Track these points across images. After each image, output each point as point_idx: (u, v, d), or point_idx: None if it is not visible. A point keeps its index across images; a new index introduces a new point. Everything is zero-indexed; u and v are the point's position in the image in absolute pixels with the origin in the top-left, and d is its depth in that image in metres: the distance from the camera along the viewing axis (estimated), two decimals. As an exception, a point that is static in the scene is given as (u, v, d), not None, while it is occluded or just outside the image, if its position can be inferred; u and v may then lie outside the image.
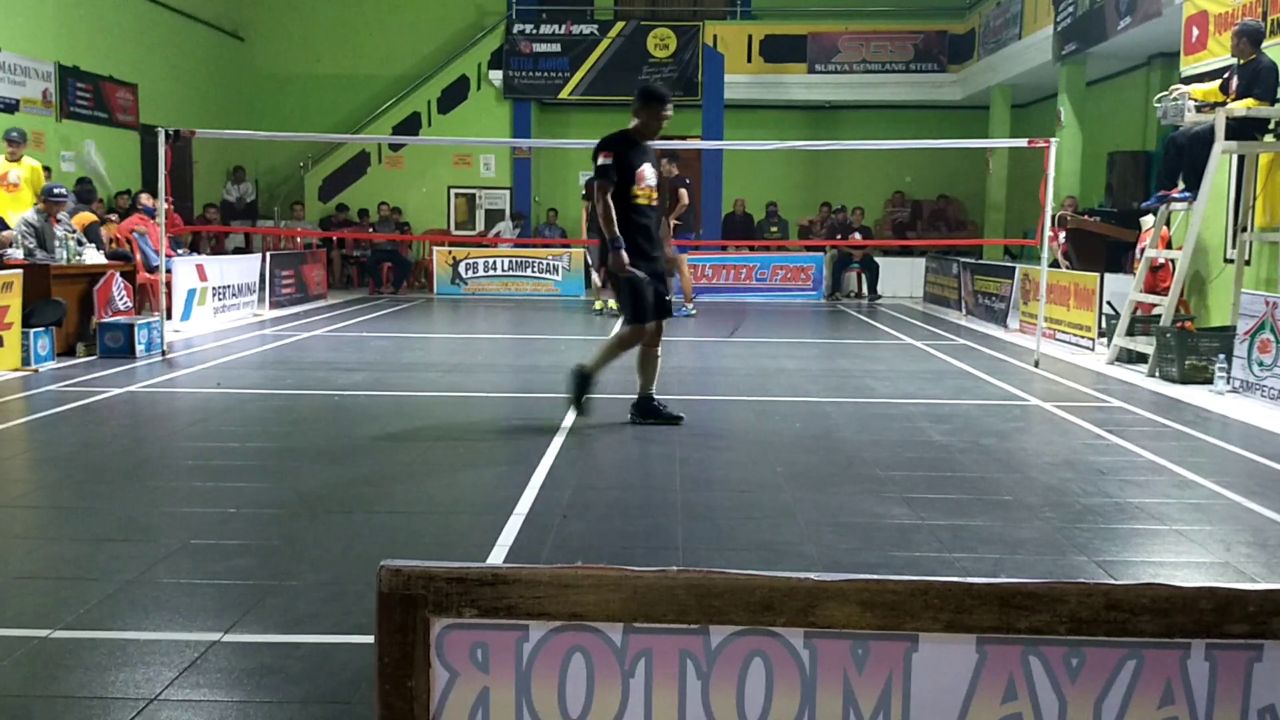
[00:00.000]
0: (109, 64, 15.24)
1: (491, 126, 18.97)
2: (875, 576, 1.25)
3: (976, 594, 1.24)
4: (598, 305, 14.37)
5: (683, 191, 12.39)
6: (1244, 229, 9.08)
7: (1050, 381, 8.61)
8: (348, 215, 18.76)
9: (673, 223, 13.66)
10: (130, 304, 10.21)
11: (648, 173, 6.38)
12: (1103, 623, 1.24)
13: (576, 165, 19.98)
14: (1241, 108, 8.42)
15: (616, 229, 6.21)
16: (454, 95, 19.33)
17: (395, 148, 19.32)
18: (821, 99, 19.49)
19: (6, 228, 10.03)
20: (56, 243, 9.65)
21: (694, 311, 13.68)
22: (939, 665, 1.26)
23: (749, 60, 18.90)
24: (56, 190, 10.05)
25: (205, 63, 18.35)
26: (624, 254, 6.22)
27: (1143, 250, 10.07)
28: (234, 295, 12.62)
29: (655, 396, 6.56)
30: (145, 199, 12.45)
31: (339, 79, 19.71)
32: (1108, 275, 10.85)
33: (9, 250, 9.55)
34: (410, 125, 19.14)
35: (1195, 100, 8.82)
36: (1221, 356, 7.99)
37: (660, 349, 6.60)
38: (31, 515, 4.59)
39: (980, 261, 15.10)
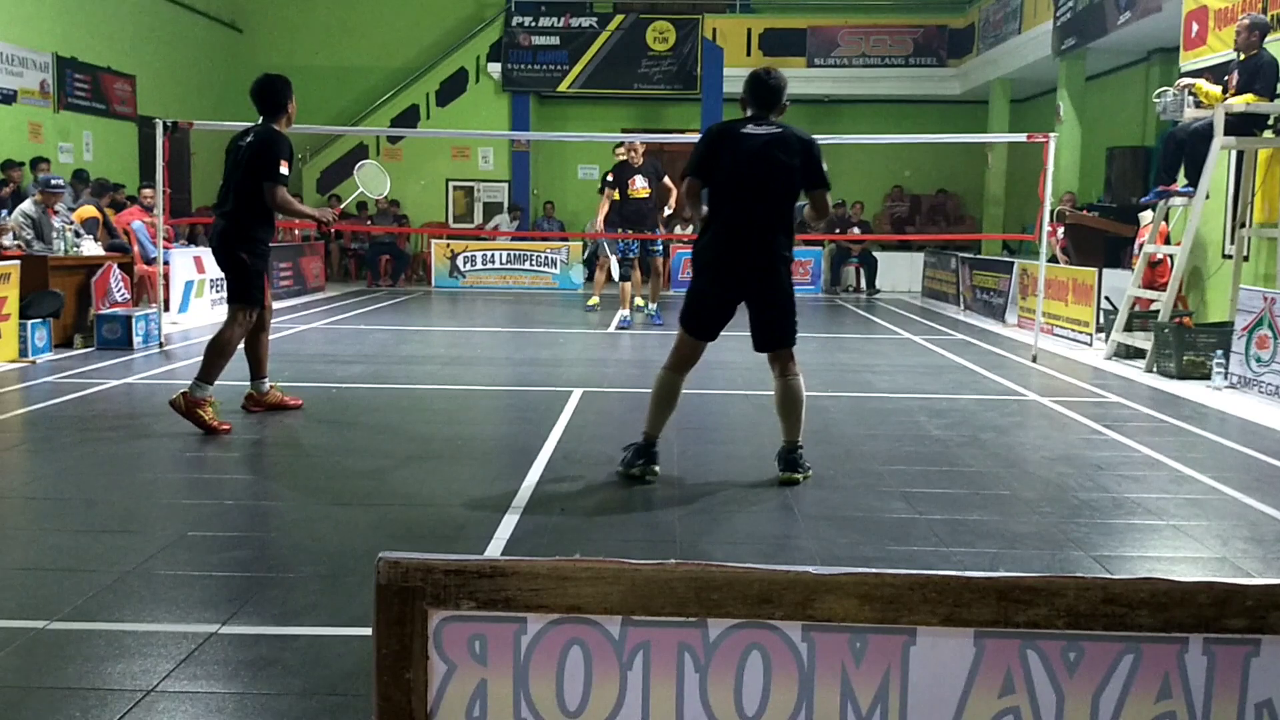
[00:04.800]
0: (107, 55, 15.21)
1: (490, 119, 18.95)
2: (873, 570, 1.25)
3: (974, 588, 1.24)
4: (593, 302, 13.87)
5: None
6: (1242, 224, 9.08)
7: (1048, 376, 8.61)
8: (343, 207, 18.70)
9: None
10: (128, 296, 10.20)
11: None
12: (1100, 617, 1.24)
13: (575, 158, 19.98)
14: (1241, 103, 8.41)
15: None
16: (452, 88, 19.30)
17: (393, 140, 19.28)
18: (821, 93, 19.45)
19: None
20: (54, 234, 9.63)
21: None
22: (937, 659, 1.27)
23: (748, 54, 18.87)
24: (54, 182, 10.03)
25: (203, 54, 18.31)
26: None
27: (1141, 245, 10.07)
28: (232, 287, 12.59)
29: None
30: (145, 194, 12.44)
31: (337, 71, 19.67)
32: (1106, 270, 10.84)
33: (5, 240, 9.54)
34: (408, 118, 19.12)
35: (1198, 95, 8.80)
36: (1219, 352, 8.00)
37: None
38: (28, 506, 4.58)
39: (979, 256, 15.10)
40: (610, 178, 11.87)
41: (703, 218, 5.05)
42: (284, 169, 6.14)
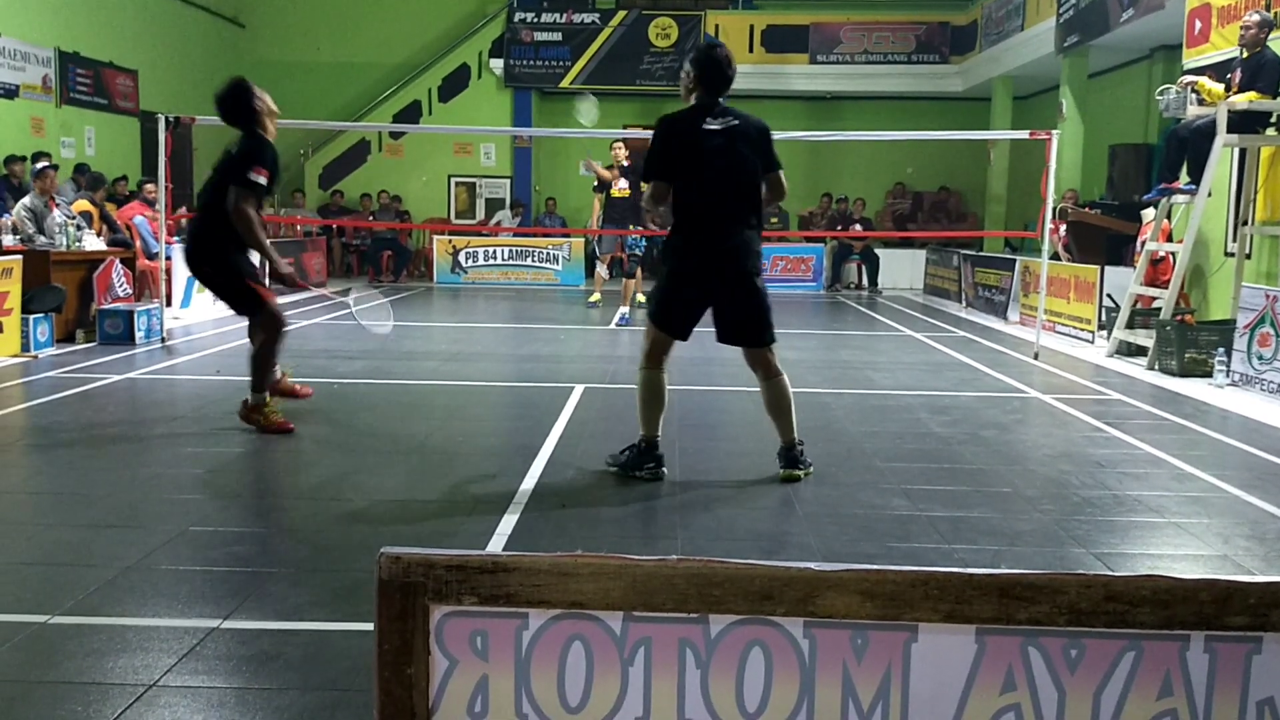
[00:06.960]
0: (109, 50, 15.20)
1: (492, 115, 18.94)
2: (875, 567, 1.25)
3: (976, 585, 1.24)
4: (594, 298, 13.94)
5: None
6: (1245, 222, 9.07)
7: (1050, 374, 8.61)
8: (344, 203, 18.72)
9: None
10: (130, 291, 10.20)
11: None
12: (1102, 614, 1.24)
13: (577, 154, 19.96)
14: (1243, 101, 8.40)
15: None
16: (455, 83, 19.31)
17: (395, 136, 19.30)
18: (823, 90, 19.43)
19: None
20: (56, 228, 9.64)
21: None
22: (938, 656, 1.26)
23: (750, 50, 18.85)
24: (43, 165, 10.02)
25: (205, 49, 18.30)
26: None
27: (1143, 243, 10.06)
28: (233, 283, 12.59)
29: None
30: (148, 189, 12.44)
31: (339, 66, 19.67)
32: (1108, 268, 10.85)
33: (6, 235, 9.54)
34: (411, 113, 19.12)
35: (1201, 93, 8.79)
36: (1221, 350, 7.99)
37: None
38: (30, 501, 4.59)
39: (981, 254, 15.10)
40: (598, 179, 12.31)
41: (657, 213, 4.97)
42: (257, 176, 5.48)
